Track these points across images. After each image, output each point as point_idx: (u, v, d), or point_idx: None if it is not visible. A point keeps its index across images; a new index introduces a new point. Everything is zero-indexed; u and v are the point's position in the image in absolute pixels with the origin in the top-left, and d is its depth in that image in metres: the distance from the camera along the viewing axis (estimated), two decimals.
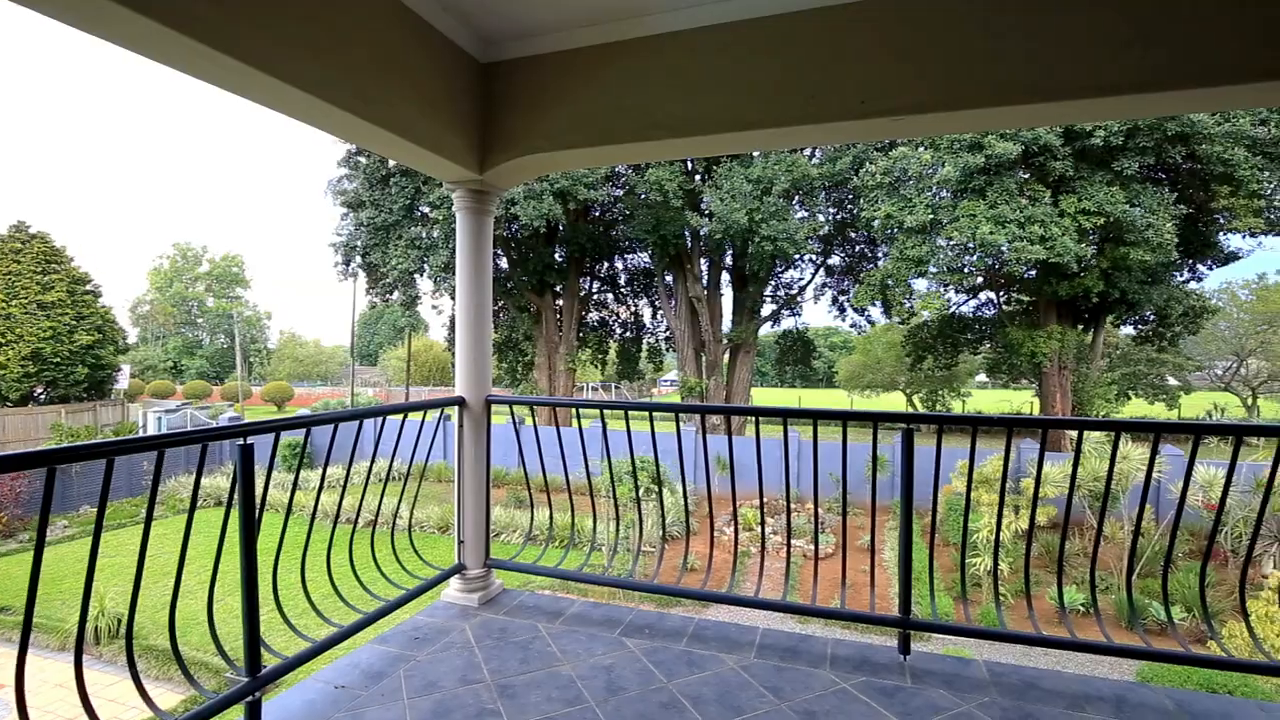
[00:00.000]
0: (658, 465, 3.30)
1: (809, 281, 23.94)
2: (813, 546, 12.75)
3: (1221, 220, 17.07)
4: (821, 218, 20.99)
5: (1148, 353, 24.15)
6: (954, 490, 14.69)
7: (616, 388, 47.73)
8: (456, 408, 3.39)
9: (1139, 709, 2.51)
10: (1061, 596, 2.96)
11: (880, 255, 20.56)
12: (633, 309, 26.12)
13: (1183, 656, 2.70)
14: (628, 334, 25.96)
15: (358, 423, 2.89)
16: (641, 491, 11.24)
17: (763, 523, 3.38)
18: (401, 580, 3.25)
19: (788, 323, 25.67)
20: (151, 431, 23.28)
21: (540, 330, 23.17)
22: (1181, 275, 19.21)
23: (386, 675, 2.70)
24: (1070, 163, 15.49)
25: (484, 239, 3.43)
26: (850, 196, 19.82)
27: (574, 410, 3.71)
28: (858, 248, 22.78)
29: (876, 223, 17.55)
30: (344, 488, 3.05)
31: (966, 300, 21.63)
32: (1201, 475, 11.37)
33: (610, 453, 3.49)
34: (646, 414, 3.26)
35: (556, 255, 22.71)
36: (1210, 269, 19.57)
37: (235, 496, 2.27)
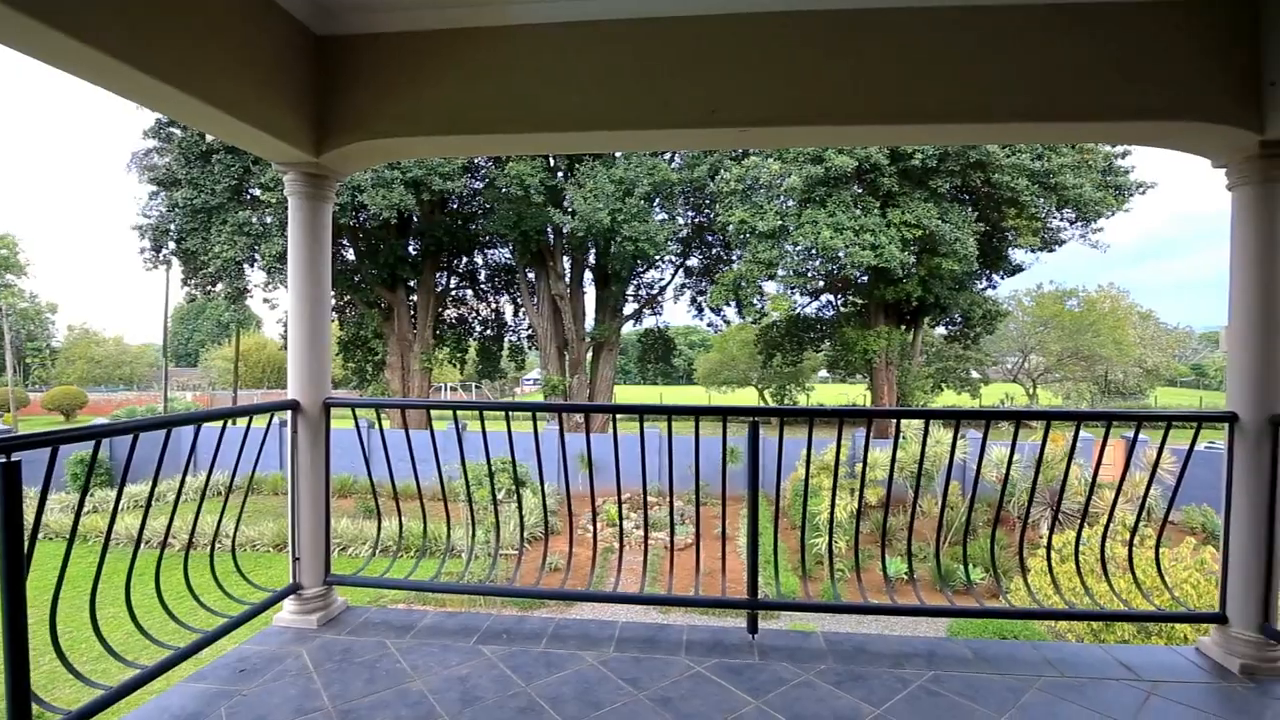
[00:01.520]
0: (515, 466, 3.22)
1: (669, 281, 24.77)
2: (676, 539, 13.23)
3: (1010, 237, 20.05)
4: (681, 220, 21.82)
5: (956, 350, 27.74)
6: (801, 477, 15.94)
7: (477, 387, 46.24)
8: (290, 412, 3.09)
9: (945, 659, 2.87)
10: (885, 567, 3.31)
11: (734, 258, 21.76)
12: (494, 306, 25.43)
13: (978, 611, 3.13)
14: (488, 332, 25.22)
15: (165, 432, 2.52)
16: (502, 494, 10.98)
17: (620, 519, 3.42)
18: (226, 608, 2.90)
19: (649, 321, 26.40)
20: None
21: (392, 327, 21.83)
22: (981, 284, 22.30)
23: (204, 717, 2.39)
24: (896, 180, 17.40)
25: (321, 227, 3.14)
26: (707, 201, 20.77)
27: (427, 412, 3.52)
28: (714, 250, 23.93)
29: (731, 227, 18.55)
30: (148, 507, 2.65)
31: (810, 302, 23.55)
32: (996, 455, 13.29)
33: (466, 455, 3.36)
34: (503, 414, 3.17)
35: (410, 248, 21.50)
36: (1002, 278, 22.95)
37: None
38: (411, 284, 22.10)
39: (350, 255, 21.91)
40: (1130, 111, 2.66)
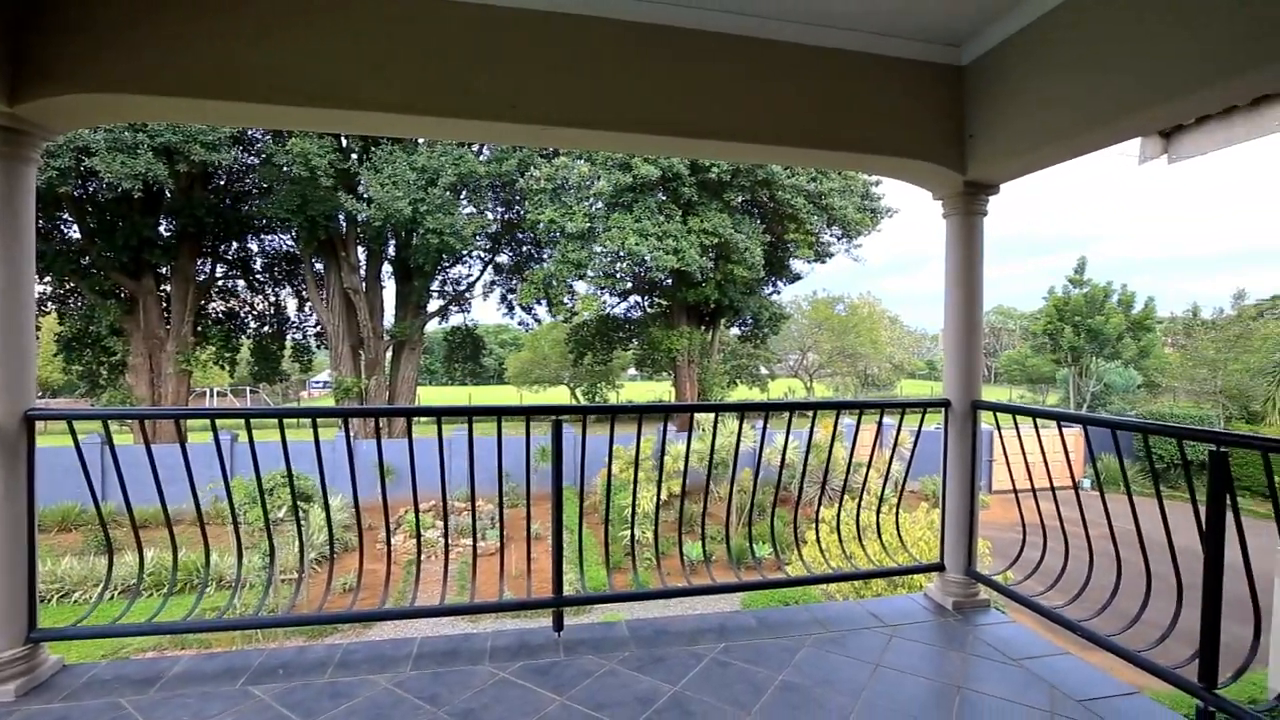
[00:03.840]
0: (292, 480, 2.87)
1: (478, 278, 23.94)
2: (486, 544, 12.83)
3: (790, 249, 22.58)
4: (490, 215, 21.20)
5: (748, 349, 30.61)
6: (612, 473, 16.38)
7: (253, 392, 40.68)
8: None
9: (735, 631, 3.13)
10: (681, 552, 3.52)
11: (545, 256, 21.72)
12: (273, 299, 22.42)
13: (762, 583, 3.47)
14: (266, 328, 22.15)
15: None
16: (284, 511, 9.76)
17: (419, 529, 3.22)
18: None
19: (456, 319, 25.30)
20: None
21: (137, 322, 18.23)
22: (768, 289, 24.82)
23: None
24: (695, 190, 18.66)
25: (19, 193, 2.50)
26: (517, 198, 20.45)
27: (176, 423, 2.99)
28: (525, 248, 23.63)
29: (541, 225, 18.49)
30: None
31: (619, 302, 24.33)
32: (780, 441, 14.90)
33: (238, 470, 2.90)
34: (277, 422, 2.80)
35: (161, 228, 18.14)
36: (785, 285, 25.79)
37: None
38: (163, 271, 18.68)
39: (75, 233, 17.93)
40: (872, 146, 3.13)
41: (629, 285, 21.96)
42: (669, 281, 20.98)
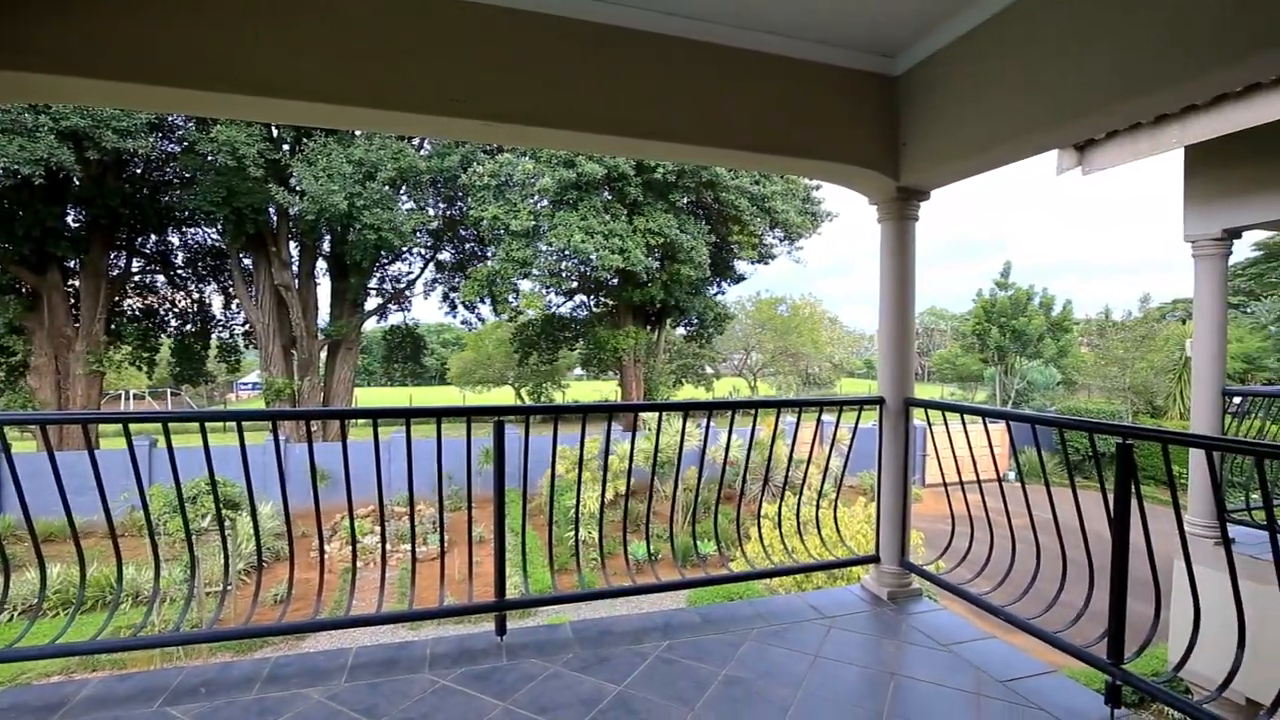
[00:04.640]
0: (216, 487, 2.71)
1: (418, 275, 23.30)
2: (426, 549, 12.48)
3: (735, 250, 22.95)
4: (432, 211, 20.67)
5: (693, 349, 30.96)
6: (559, 473, 16.24)
7: (175, 394, 38.39)
8: None
9: (679, 628, 3.16)
10: (626, 551, 3.52)
11: (489, 254, 21.34)
12: (196, 296, 21.18)
13: (705, 579, 3.50)
14: (189, 327, 20.89)
15: None
16: (208, 521, 9.24)
17: (354, 535, 3.10)
18: None
19: (396, 318, 24.55)
20: None
21: (40, 320, 16.86)
22: (713, 289, 25.12)
23: None
24: (641, 190, 18.71)
25: None
26: (460, 194, 20.01)
27: (85, 428, 2.78)
28: (468, 245, 23.15)
29: (484, 223, 18.16)
30: None
31: (565, 302, 24.13)
32: (724, 440, 15.08)
33: (150, 479, 2.72)
34: (199, 425, 2.63)
35: (69, 218, 16.83)
36: (729, 285, 26.17)
37: None
38: (71, 265, 17.35)
39: None
40: (812, 152, 3.21)
41: (575, 284, 21.81)
42: (615, 281, 20.96)
